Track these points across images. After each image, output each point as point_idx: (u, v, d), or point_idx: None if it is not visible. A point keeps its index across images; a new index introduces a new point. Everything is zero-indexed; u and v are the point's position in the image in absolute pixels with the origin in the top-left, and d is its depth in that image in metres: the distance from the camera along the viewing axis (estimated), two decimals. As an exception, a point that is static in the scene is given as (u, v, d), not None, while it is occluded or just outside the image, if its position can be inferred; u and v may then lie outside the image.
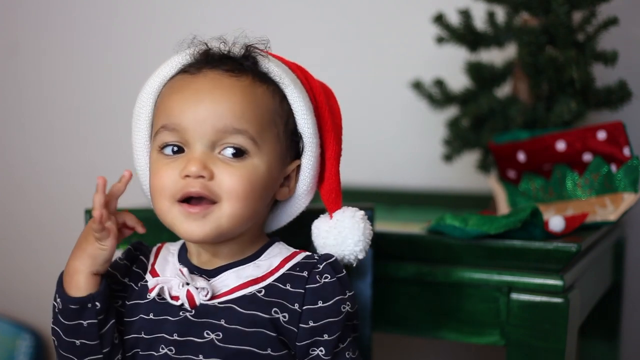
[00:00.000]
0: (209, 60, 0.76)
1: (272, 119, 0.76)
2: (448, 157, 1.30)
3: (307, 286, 0.74)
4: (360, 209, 0.95)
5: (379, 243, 0.99)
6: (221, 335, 0.72)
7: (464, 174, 1.47)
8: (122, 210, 0.85)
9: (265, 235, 0.82)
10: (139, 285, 0.79)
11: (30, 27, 1.91)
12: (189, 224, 0.72)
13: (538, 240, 0.92)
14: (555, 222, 0.95)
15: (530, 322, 0.91)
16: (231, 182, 0.72)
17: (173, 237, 0.86)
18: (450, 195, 1.49)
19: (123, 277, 0.80)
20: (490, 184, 1.22)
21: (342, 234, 0.78)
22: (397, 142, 1.60)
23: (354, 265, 0.80)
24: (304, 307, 0.73)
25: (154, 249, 0.83)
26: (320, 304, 0.73)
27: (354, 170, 1.63)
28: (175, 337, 0.74)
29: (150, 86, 0.79)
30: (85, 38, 1.86)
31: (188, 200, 0.73)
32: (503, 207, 1.15)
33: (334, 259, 0.76)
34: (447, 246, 0.97)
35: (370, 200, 1.42)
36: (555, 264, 0.91)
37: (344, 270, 0.76)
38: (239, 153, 0.73)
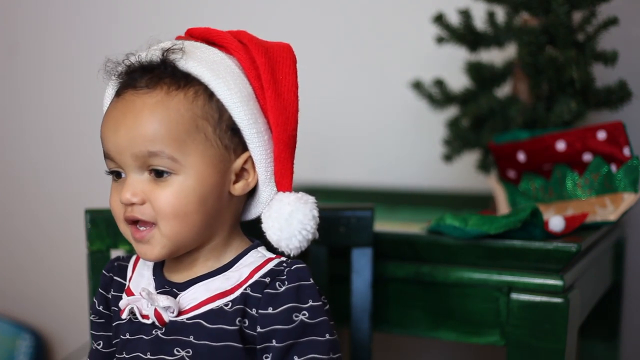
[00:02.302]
0: (129, 78, 0.75)
1: (194, 125, 0.73)
2: (448, 157, 1.30)
3: (265, 291, 0.72)
4: (360, 209, 0.96)
5: (379, 243, 0.99)
6: (191, 352, 0.72)
7: (464, 174, 1.47)
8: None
9: (247, 239, 0.81)
10: (119, 306, 0.79)
11: (30, 27, 1.91)
12: (140, 248, 0.75)
13: (538, 240, 0.92)
14: (555, 222, 0.95)
15: (530, 322, 0.91)
16: (160, 204, 0.72)
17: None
18: (450, 195, 1.49)
19: (105, 309, 0.82)
20: (490, 184, 1.22)
21: (292, 226, 0.75)
22: (397, 142, 1.60)
23: (291, 254, 0.77)
24: (259, 311, 0.72)
25: (132, 261, 0.83)
26: (270, 310, 0.72)
27: (354, 170, 1.64)
28: (149, 355, 0.74)
29: (104, 110, 0.78)
30: (85, 38, 1.86)
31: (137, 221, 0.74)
32: (503, 207, 1.15)
33: (302, 266, 0.74)
34: (447, 246, 0.97)
35: (370, 200, 1.42)
36: (555, 264, 0.91)
37: (310, 279, 0.74)
38: (160, 173, 0.72)
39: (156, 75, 0.73)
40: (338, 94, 1.64)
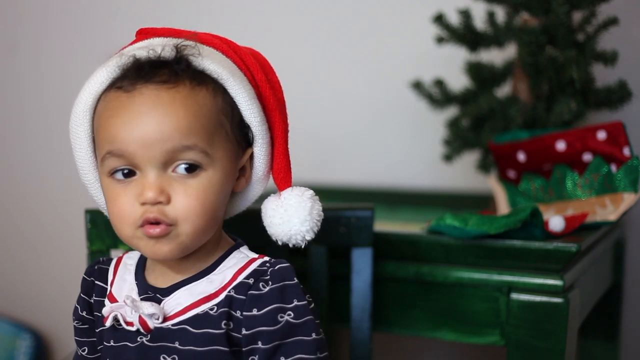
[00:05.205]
0: (141, 73, 0.71)
1: (218, 120, 0.73)
2: (448, 157, 1.30)
3: (249, 292, 0.71)
4: (360, 209, 0.96)
5: (379, 243, 0.99)
6: (177, 358, 0.72)
7: (464, 174, 1.47)
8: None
9: (229, 238, 0.80)
10: (102, 313, 0.77)
11: (30, 27, 1.91)
12: (154, 245, 0.71)
13: (538, 240, 0.92)
14: (555, 222, 0.95)
15: (530, 322, 0.91)
16: (188, 204, 0.70)
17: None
18: (450, 195, 1.49)
19: (88, 314, 0.81)
20: (490, 184, 1.22)
21: (288, 212, 0.76)
22: (397, 142, 1.60)
23: (302, 246, 0.78)
24: (243, 313, 0.71)
25: (113, 265, 0.81)
26: (254, 311, 0.71)
27: (354, 170, 1.64)
28: None
29: (82, 103, 0.76)
30: (85, 38, 1.86)
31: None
32: (503, 207, 1.15)
33: (285, 265, 0.73)
34: (447, 246, 0.97)
35: (370, 200, 1.42)
36: (555, 264, 0.91)
37: (294, 278, 0.73)
38: (192, 168, 0.71)
39: (174, 71, 0.72)
40: (338, 94, 1.64)
